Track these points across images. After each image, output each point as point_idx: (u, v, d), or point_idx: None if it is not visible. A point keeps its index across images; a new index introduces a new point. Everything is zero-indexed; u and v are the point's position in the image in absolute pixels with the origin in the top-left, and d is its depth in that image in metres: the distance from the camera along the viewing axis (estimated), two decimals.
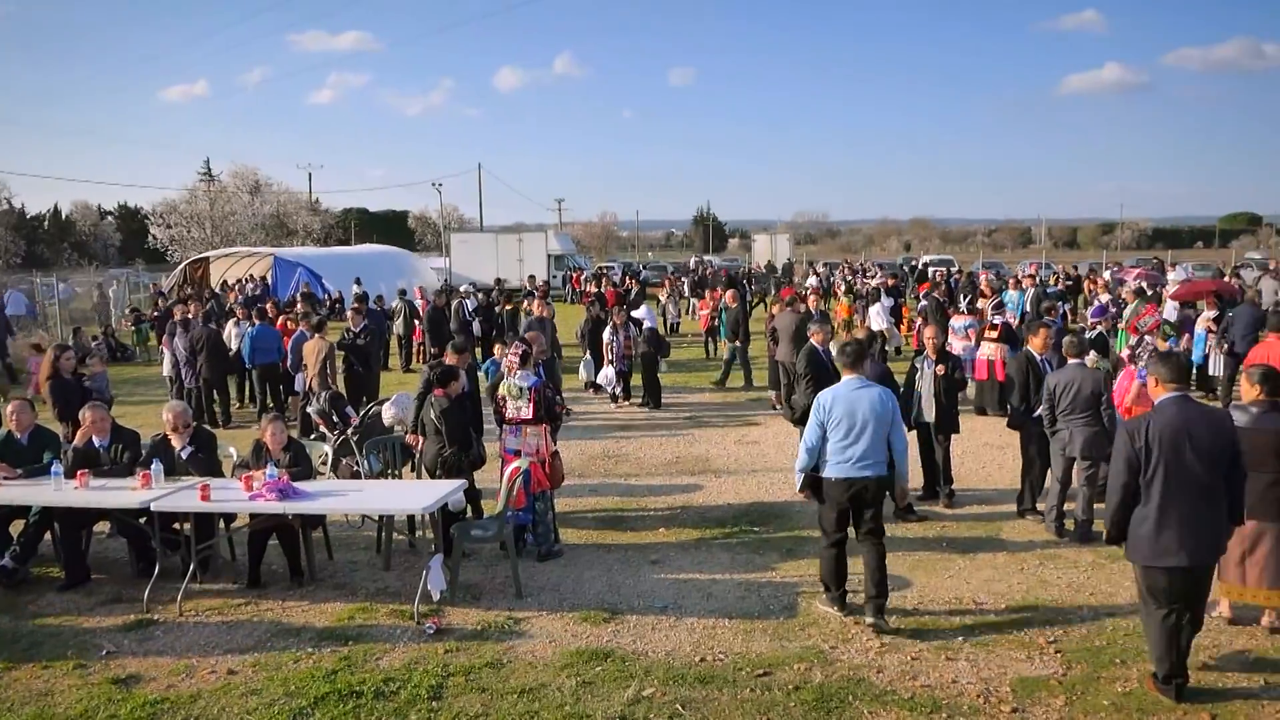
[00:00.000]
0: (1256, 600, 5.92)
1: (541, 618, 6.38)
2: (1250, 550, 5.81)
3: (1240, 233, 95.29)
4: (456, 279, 33.00)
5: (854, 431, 6.09)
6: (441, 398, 7.64)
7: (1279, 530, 5.77)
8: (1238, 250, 61.23)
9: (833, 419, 6.15)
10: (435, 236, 68.63)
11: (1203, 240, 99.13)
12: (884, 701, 5.14)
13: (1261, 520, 5.78)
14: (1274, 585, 5.81)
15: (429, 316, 18.00)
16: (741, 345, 15.67)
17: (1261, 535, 5.79)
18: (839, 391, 6.26)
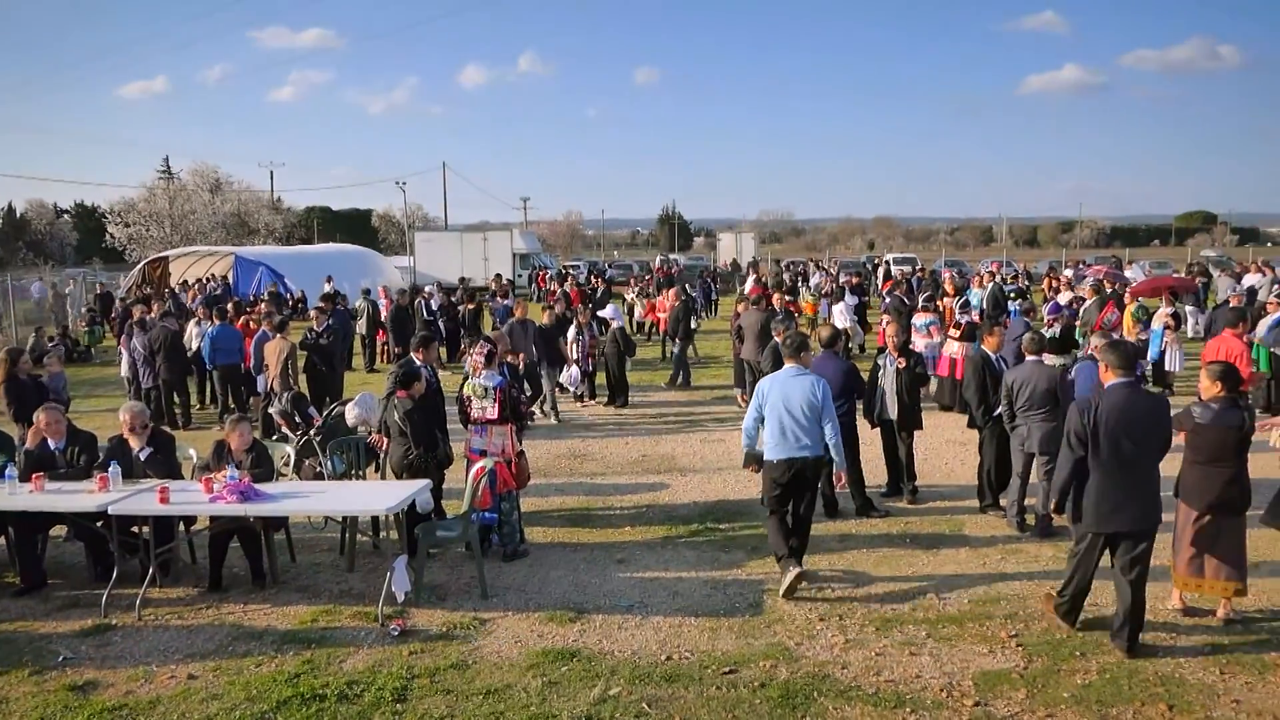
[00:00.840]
0: (1214, 592, 6.04)
1: (507, 618, 6.35)
2: (1211, 544, 5.93)
3: (1196, 231, 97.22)
4: (421, 278, 32.78)
5: (790, 416, 6.57)
6: (405, 399, 7.58)
7: (1235, 523, 5.90)
8: (1193, 248, 62.49)
9: (770, 404, 6.67)
10: (400, 235, 68.08)
11: (1159, 238, 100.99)
12: (848, 697, 5.17)
13: (1219, 514, 5.90)
14: (1229, 577, 5.94)
15: (392, 316, 17.87)
16: (682, 344, 15.65)
17: (1218, 528, 5.91)
18: (777, 378, 6.81)
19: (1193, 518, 6.01)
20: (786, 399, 6.62)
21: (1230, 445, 5.84)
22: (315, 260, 35.34)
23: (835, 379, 8.25)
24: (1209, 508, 5.93)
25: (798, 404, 6.59)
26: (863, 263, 41.22)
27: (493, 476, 7.43)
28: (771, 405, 6.66)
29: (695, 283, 31.54)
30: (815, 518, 8.31)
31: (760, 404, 6.74)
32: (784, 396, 6.63)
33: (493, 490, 7.41)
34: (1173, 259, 46.51)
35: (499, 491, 7.49)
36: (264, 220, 58.89)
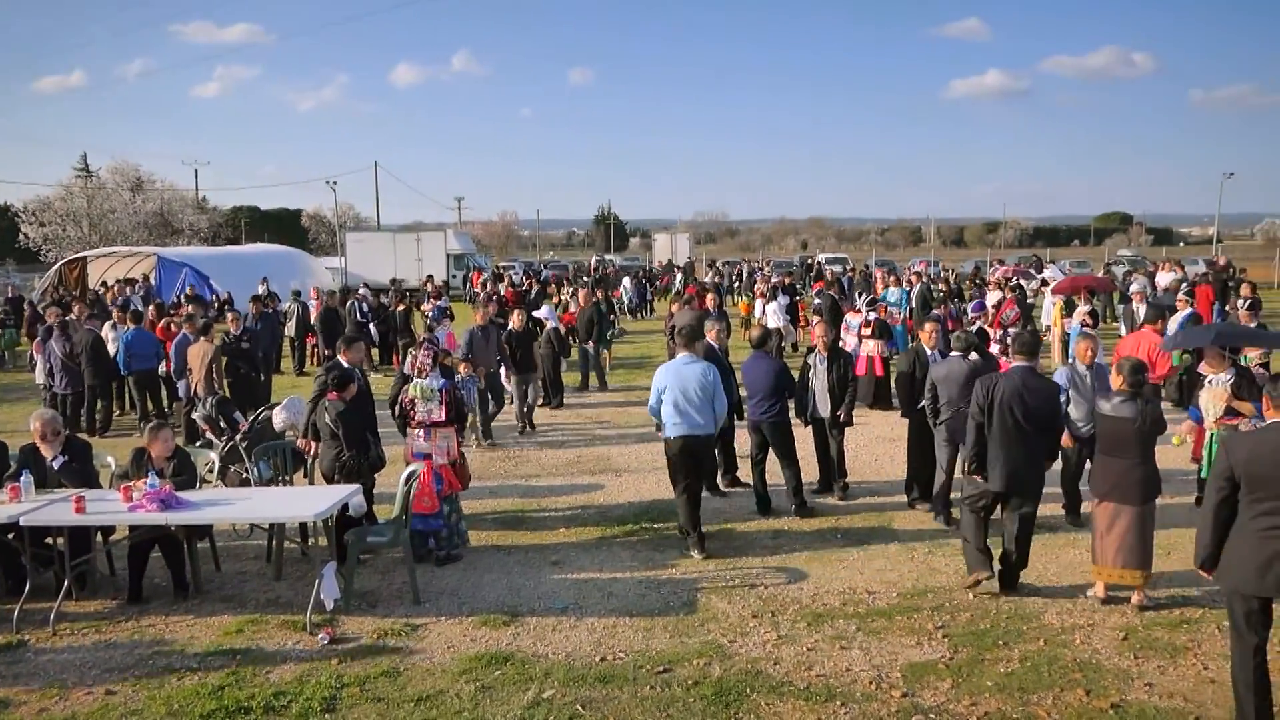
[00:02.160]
0: (1125, 580, 6.26)
1: (440, 623, 6.28)
2: (1108, 530, 6.18)
3: (1113, 231, 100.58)
4: (353, 279, 32.24)
5: (684, 399, 7.38)
6: (336, 400, 7.45)
7: (1136, 512, 6.14)
8: (1110, 247, 64.60)
9: (667, 389, 7.46)
10: (330, 236, 66.89)
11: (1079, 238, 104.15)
12: (780, 693, 5.23)
13: (1120, 503, 6.15)
14: (1132, 565, 6.18)
15: (321, 317, 17.53)
16: (595, 346, 15.48)
17: (1119, 516, 6.15)
18: (672, 366, 7.61)
19: (1095, 504, 6.31)
20: (682, 383, 7.40)
21: (1128, 437, 6.08)
22: (243, 261, 34.51)
23: (767, 379, 8.36)
24: (1107, 495, 6.22)
25: (692, 388, 7.38)
26: (795, 263, 41.71)
27: (439, 480, 7.38)
28: (669, 390, 7.43)
29: (631, 283, 31.69)
30: (748, 516, 8.47)
31: (660, 389, 7.49)
32: (679, 381, 7.41)
33: (439, 494, 7.35)
34: (1091, 258, 48.04)
35: (445, 494, 7.44)
36: (188, 220, 57.29)
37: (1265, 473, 4.46)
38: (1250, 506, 4.52)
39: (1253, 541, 4.48)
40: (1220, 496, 4.62)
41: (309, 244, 68.03)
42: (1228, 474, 4.59)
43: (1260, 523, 4.47)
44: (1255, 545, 4.47)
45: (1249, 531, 4.51)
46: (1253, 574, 4.47)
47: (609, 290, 28.30)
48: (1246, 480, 4.52)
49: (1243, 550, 4.52)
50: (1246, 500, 4.53)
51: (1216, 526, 4.64)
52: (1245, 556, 4.50)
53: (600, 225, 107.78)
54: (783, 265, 37.93)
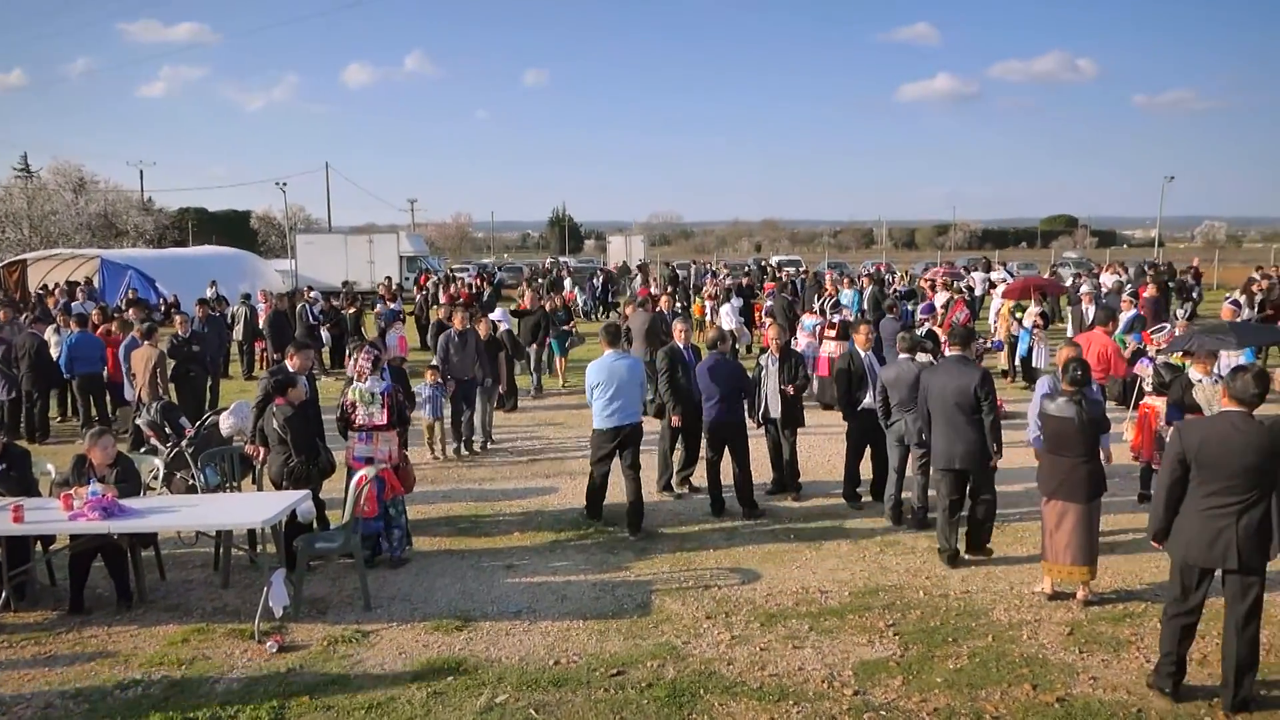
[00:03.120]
0: (1071, 577, 6.39)
1: (391, 629, 6.22)
2: (1056, 527, 6.31)
3: (1059, 233, 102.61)
4: (303, 282, 31.80)
5: (613, 392, 7.97)
6: (284, 405, 7.34)
7: (1082, 510, 6.27)
8: (1057, 249, 65.93)
9: (598, 384, 8.03)
10: (280, 238, 65.91)
11: (1027, 240, 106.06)
12: (734, 693, 5.25)
13: (1066, 500, 6.29)
14: (1079, 561, 6.31)
15: (270, 321, 17.25)
16: (536, 350, 15.38)
17: (1066, 514, 6.29)
18: (601, 362, 8.12)
19: (1043, 502, 6.44)
20: (614, 377, 7.98)
21: (1070, 436, 6.22)
22: (189, 263, 33.87)
23: (722, 380, 8.40)
24: (1053, 493, 6.36)
25: (622, 380, 7.98)
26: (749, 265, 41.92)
27: (381, 484, 7.30)
28: (602, 384, 8.00)
29: (587, 285, 31.62)
30: (702, 517, 8.50)
31: (593, 384, 8.06)
32: (610, 376, 8.00)
33: (379, 498, 7.27)
34: (1038, 260, 48.96)
35: (387, 498, 7.36)
36: (133, 221, 56.11)
37: (1213, 458, 4.83)
38: (1200, 487, 4.91)
39: (1201, 519, 4.90)
40: (1173, 478, 4.99)
41: (258, 246, 66.94)
42: (1180, 458, 4.95)
43: (1208, 502, 4.88)
44: (1203, 522, 4.89)
45: (1197, 510, 4.91)
46: (1202, 547, 4.88)
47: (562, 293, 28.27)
48: (1197, 464, 4.89)
49: (1193, 526, 4.93)
50: (1196, 482, 4.92)
51: (1169, 504, 5.04)
52: (1194, 532, 4.92)
53: (555, 227, 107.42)
54: (737, 267, 38.07)
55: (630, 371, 8.12)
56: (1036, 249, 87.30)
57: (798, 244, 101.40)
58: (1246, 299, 18.64)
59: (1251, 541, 4.79)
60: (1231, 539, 4.79)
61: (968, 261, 40.26)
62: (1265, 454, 4.75)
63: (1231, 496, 4.81)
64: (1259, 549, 4.81)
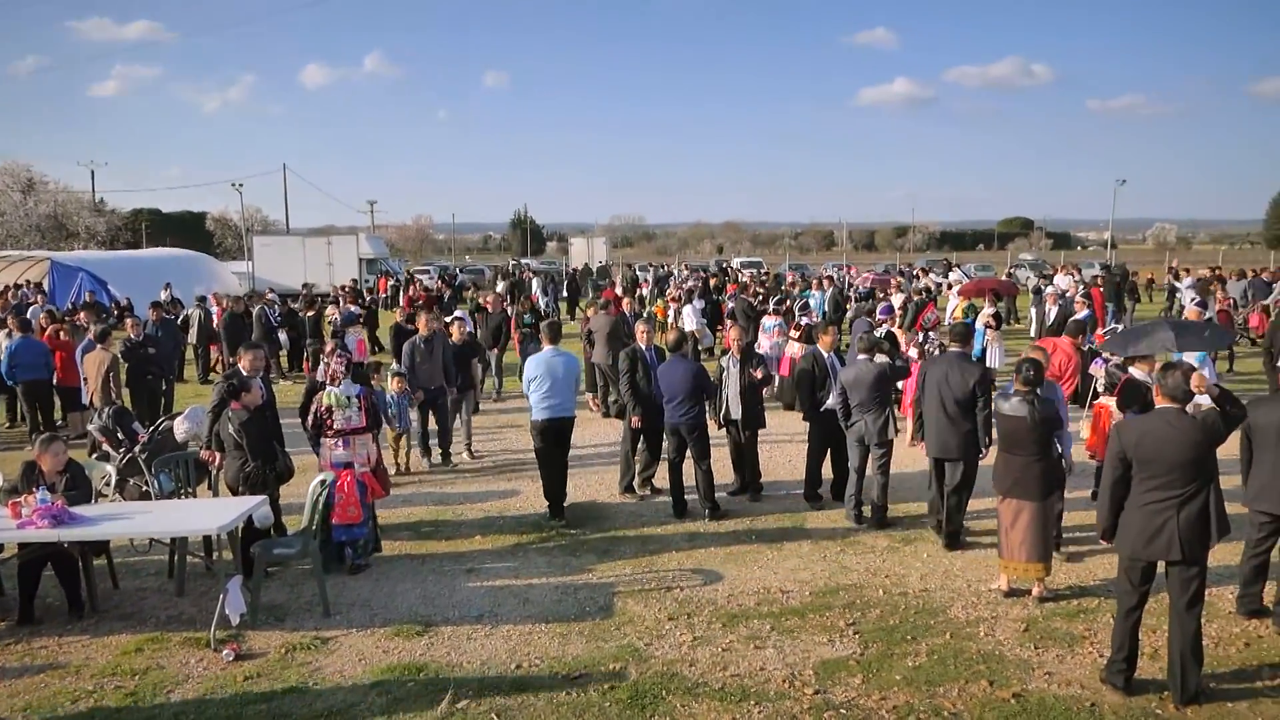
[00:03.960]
0: (1027, 574, 6.49)
1: (351, 635, 6.15)
2: (1012, 525, 6.41)
3: (1016, 235, 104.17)
4: (261, 284, 31.42)
5: (551, 386, 8.36)
6: (240, 409, 7.25)
7: (1036, 507, 6.38)
8: (1013, 251, 66.97)
9: (536, 378, 8.40)
10: (237, 240, 64.98)
11: (984, 242, 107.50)
12: (696, 694, 5.27)
13: (1020, 498, 6.39)
14: (1034, 558, 6.41)
15: (226, 324, 17.00)
16: (497, 352, 15.20)
17: (1021, 512, 6.40)
18: (540, 357, 8.51)
19: (1000, 501, 6.55)
20: (551, 372, 8.36)
21: (1023, 435, 6.33)
22: (143, 265, 33.33)
23: (684, 381, 8.42)
24: (1008, 491, 6.48)
25: (559, 376, 8.38)
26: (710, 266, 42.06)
27: (363, 487, 7.25)
28: (539, 378, 8.38)
29: (550, 287, 31.53)
30: (665, 519, 8.51)
31: (530, 378, 8.44)
32: (548, 370, 8.38)
33: (363, 501, 7.23)
34: (995, 262, 49.67)
35: (369, 501, 7.32)
36: (84, 223, 55.12)
37: (1151, 454, 4.98)
38: (1141, 484, 5.05)
39: (1143, 514, 5.04)
40: (1116, 476, 5.14)
41: (214, 248, 65.98)
42: (1121, 456, 5.10)
43: (1149, 497, 5.02)
44: (1146, 518, 5.02)
45: (1139, 506, 5.06)
46: (1146, 541, 5.01)
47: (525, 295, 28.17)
48: (1136, 461, 5.03)
49: (1136, 521, 5.06)
50: (1137, 478, 5.07)
51: (1114, 502, 5.17)
52: (1138, 527, 5.04)
53: (516, 229, 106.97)
54: (698, 269, 38.21)
55: (566, 368, 8.50)
56: (994, 251, 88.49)
57: (759, 246, 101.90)
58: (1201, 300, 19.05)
59: (1192, 532, 4.93)
60: (1174, 531, 4.93)
61: (925, 263, 40.76)
62: (1200, 448, 4.93)
63: (1171, 490, 4.95)
64: (1199, 540, 4.96)
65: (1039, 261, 46.70)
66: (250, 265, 35.89)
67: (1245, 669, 5.49)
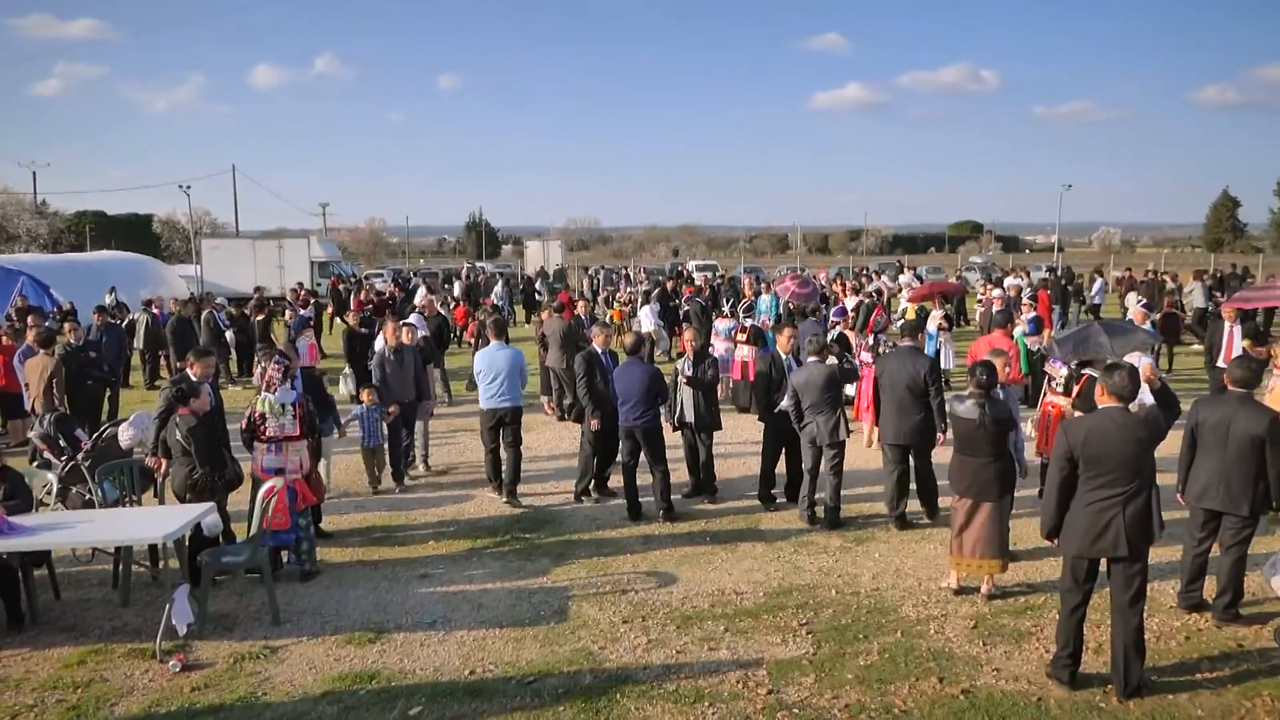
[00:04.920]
0: (979, 571, 6.60)
1: (301, 644, 6.07)
2: (966, 524, 6.52)
3: (966, 239, 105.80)
4: (209, 288, 30.88)
5: (497, 378, 8.96)
6: (187, 415, 7.12)
7: (991, 507, 6.48)
8: (963, 254, 68.05)
9: (482, 370, 9.01)
10: (185, 242, 63.81)
11: (935, 245, 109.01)
12: (650, 697, 5.28)
13: (977, 499, 6.48)
14: (989, 555, 6.52)
15: (173, 328, 16.68)
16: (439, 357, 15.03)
17: (977, 511, 6.49)
18: (486, 351, 9.15)
19: (955, 500, 6.64)
20: (495, 366, 8.95)
21: (976, 437, 6.44)
22: (87, 269, 32.46)
23: (640, 384, 8.44)
24: (963, 492, 6.58)
25: (504, 369, 8.92)
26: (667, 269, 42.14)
27: (292, 494, 7.14)
28: (485, 371, 8.98)
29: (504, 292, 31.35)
30: (620, 522, 8.51)
31: (478, 370, 9.04)
32: (493, 364, 8.97)
33: (292, 508, 7.11)
34: (946, 265, 50.39)
35: (299, 508, 7.20)
36: (25, 225, 53.75)
37: (1097, 452, 5.08)
38: (1087, 482, 5.15)
39: (1090, 512, 5.12)
40: (1062, 476, 5.22)
41: (161, 251, 64.68)
42: (1068, 455, 5.18)
43: (1095, 495, 5.12)
44: (1092, 516, 5.11)
45: (1085, 504, 5.15)
46: (1093, 539, 5.10)
47: (480, 299, 28.00)
48: (1083, 460, 5.12)
49: (1083, 520, 5.14)
50: (1084, 477, 5.16)
51: (1060, 501, 5.26)
52: (1084, 525, 5.13)
53: (471, 232, 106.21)
54: (654, 272, 38.29)
55: (511, 361, 9.03)
56: (945, 254, 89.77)
57: (715, 249, 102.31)
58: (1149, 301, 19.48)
59: (1137, 529, 5.05)
60: (1119, 528, 5.04)
61: (878, 266, 41.24)
62: (1145, 444, 5.07)
63: (1116, 488, 5.06)
64: (1143, 536, 5.09)
65: (989, 264, 47.47)
66: (198, 269, 35.26)
67: (1185, 662, 5.63)
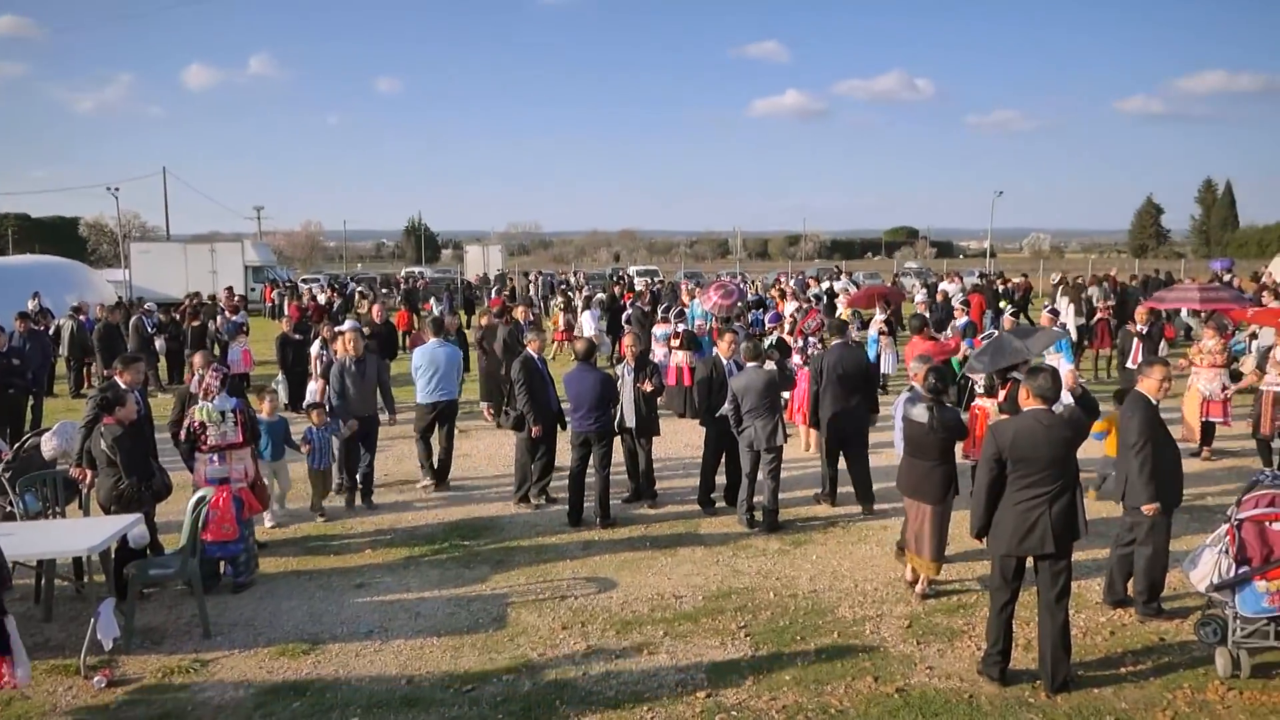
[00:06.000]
0: (924, 570, 6.76)
1: (233, 657, 5.94)
2: (913, 523, 6.71)
3: (902, 244, 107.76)
4: (139, 293, 30.08)
5: (435, 374, 9.59)
6: (113, 424, 6.92)
7: (936, 510, 6.65)
8: (899, 259, 69.29)
9: (420, 366, 9.60)
10: (113, 246, 62.05)
11: (872, 250, 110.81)
12: (589, 703, 5.27)
13: (922, 501, 6.64)
14: (929, 556, 6.68)
15: (100, 334, 16.21)
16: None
17: (921, 511, 6.65)
18: (424, 349, 9.78)
19: (905, 500, 6.84)
20: (434, 361, 9.58)
21: (925, 441, 6.59)
22: (8, 273, 31.25)
23: (591, 390, 8.43)
24: (912, 494, 6.75)
25: (442, 364, 9.60)
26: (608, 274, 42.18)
27: (239, 504, 7.00)
28: (423, 367, 9.55)
29: (444, 295, 31.09)
30: (560, 528, 8.49)
31: (416, 366, 9.65)
32: (431, 361, 9.59)
33: (239, 518, 6.98)
34: (882, 270, 51.27)
35: (245, 518, 7.08)
36: None
37: (1025, 453, 5.20)
38: (1015, 482, 5.27)
39: (1016, 512, 5.25)
40: (991, 477, 5.32)
41: (88, 255, 62.86)
42: (997, 457, 5.29)
43: (1023, 495, 5.24)
44: (1019, 515, 5.23)
45: (1013, 504, 5.26)
46: (1021, 538, 5.22)
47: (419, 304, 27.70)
48: (1012, 460, 5.24)
49: (1010, 519, 5.26)
50: (1012, 477, 5.27)
51: (989, 502, 5.36)
52: (1012, 525, 5.25)
53: (410, 236, 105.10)
54: (595, 277, 38.30)
55: (448, 358, 9.68)
56: (881, 259, 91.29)
57: (655, 254, 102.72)
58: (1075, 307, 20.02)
59: (1063, 527, 5.21)
60: (1046, 527, 5.18)
61: (817, 271, 41.76)
62: (1070, 444, 5.25)
63: (1042, 487, 5.20)
64: (1069, 533, 5.25)
65: (924, 269, 48.41)
66: (127, 273, 34.33)
67: (1110, 656, 5.80)
